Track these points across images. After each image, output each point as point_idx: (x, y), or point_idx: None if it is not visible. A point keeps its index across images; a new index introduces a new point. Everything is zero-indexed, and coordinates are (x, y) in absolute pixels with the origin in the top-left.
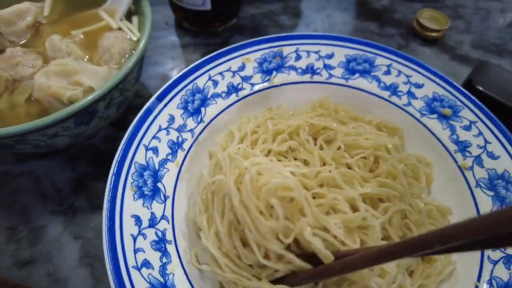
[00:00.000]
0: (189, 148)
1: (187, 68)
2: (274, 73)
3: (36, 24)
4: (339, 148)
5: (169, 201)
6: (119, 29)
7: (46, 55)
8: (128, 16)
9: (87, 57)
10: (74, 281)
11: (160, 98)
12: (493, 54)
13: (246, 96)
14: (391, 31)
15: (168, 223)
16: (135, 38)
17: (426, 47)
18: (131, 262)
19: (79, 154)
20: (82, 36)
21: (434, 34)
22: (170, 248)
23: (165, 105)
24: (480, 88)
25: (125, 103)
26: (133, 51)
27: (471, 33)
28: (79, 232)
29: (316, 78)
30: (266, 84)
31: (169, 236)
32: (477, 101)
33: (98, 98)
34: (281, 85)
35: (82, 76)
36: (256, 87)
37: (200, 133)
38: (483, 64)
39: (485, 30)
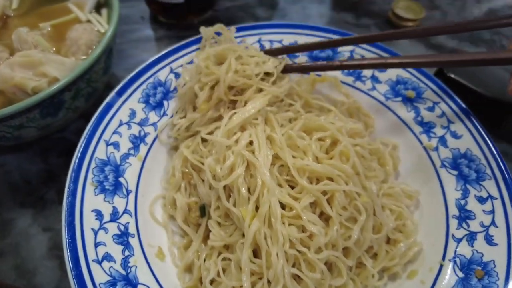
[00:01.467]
0: (152, 142)
1: (146, 62)
2: None
3: (4, 17)
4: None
5: (131, 196)
6: (88, 21)
7: (12, 47)
8: (98, 8)
9: (54, 48)
10: (42, 273)
11: (120, 93)
12: (468, 43)
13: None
14: (367, 22)
15: (131, 217)
16: (103, 30)
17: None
18: (91, 255)
19: (51, 147)
20: (50, 29)
21: (409, 24)
22: (133, 241)
23: (126, 99)
24: (452, 76)
25: (94, 95)
26: None
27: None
28: (48, 224)
29: None
30: None
31: (132, 229)
32: (439, 81)
33: (62, 88)
34: None
35: (48, 67)
36: None
37: (164, 127)
38: (454, 52)
39: (461, 20)
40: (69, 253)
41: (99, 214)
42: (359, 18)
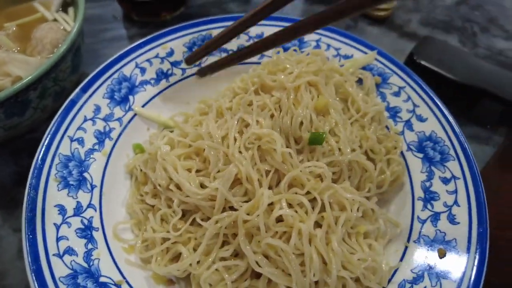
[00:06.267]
0: (118, 137)
1: (111, 59)
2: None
3: None
4: None
5: (96, 190)
6: (55, 20)
7: None
8: (65, 8)
9: (18, 48)
10: (12, 274)
11: (84, 89)
12: (440, 30)
13: (177, 81)
14: None
15: (96, 211)
16: (69, 29)
17: (374, 27)
18: (52, 250)
19: (22, 148)
20: (15, 28)
21: (381, 13)
22: (97, 235)
23: (90, 95)
24: (422, 62)
25: (63, 94)
26: None
27: (419, 12)
28: (19, 225)
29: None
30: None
31: (96, 223)
32: (404, 66)
33: (25, 86)
34: None
35: (11, 66)
36: (188, 72)
37: (130, 121)
38: (425, 39)
39: (433, 8)
40: (28, 248)
41: (62, 209)
42: None
